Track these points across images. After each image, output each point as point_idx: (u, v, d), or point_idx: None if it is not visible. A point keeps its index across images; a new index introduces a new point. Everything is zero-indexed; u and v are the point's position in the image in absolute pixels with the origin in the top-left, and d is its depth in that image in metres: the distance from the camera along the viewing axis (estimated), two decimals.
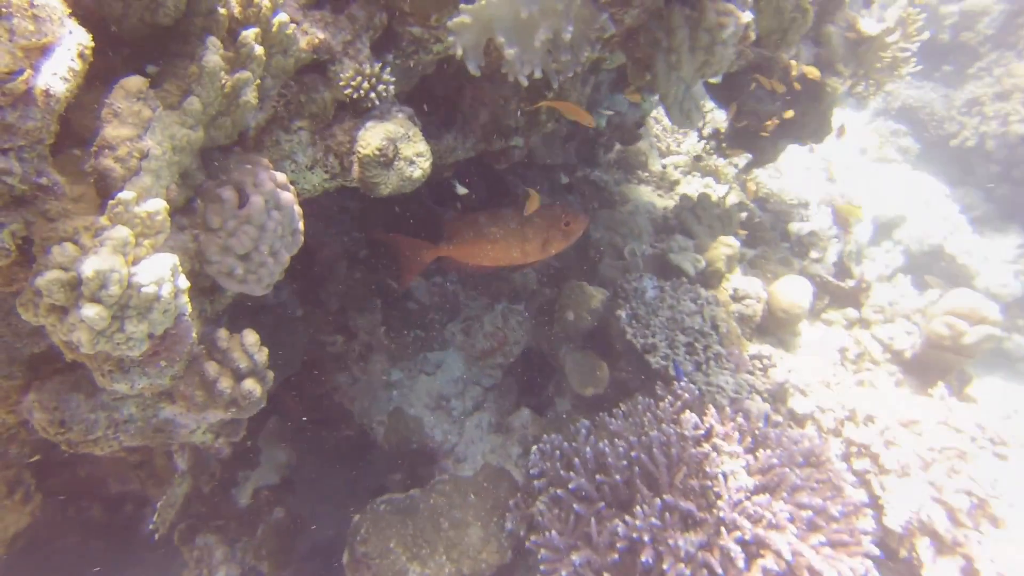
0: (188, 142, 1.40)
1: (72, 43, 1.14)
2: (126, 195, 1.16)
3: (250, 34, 1.44)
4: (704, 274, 3.46)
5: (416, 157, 1.75)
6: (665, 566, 2.16)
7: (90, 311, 1.09)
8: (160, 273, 1.18)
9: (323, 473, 3.12)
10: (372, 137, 1.71)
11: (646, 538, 2.21)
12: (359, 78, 1.71)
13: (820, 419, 2.89)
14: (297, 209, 1.68)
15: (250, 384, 1.60)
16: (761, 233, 4.00)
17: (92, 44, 1.18)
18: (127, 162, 1.26)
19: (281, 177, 1.63)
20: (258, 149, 1.80)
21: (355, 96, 1.74)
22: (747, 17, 1.91)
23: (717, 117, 4.66)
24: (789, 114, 3.48)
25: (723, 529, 2.24)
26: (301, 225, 1.72)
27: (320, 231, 2.98)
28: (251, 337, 1.63)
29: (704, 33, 1.86)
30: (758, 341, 3.38)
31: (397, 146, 1.73)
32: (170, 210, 1.46)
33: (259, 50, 1.46)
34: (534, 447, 2.61)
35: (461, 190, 2.75)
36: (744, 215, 4.02)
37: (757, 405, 2.89)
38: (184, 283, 1.28)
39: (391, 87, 1.79)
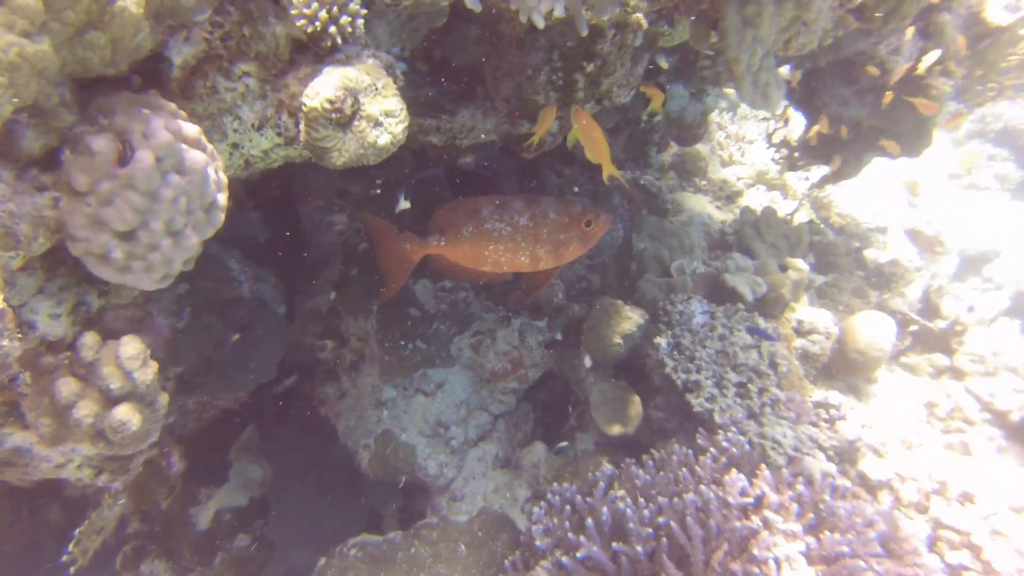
0: (26, 57, 0.92)
1: None
2: None
3: None
4: (764, 301, 2.86)
5: (384, 117, 1.25)
6: None
7: None
8: None
9: (301, 497, 2.65)
10: (324, 85, 1.21)
11: None
12: (315, 3, 1.22)
13: (900, 489, 2.28)
14: (216, 176, 1.19)
15: (124, 413, 1.12)
16: (833, 258, 3.37)
17: None
18: None
19: (190, 129, 1.14)
20: (187, 96, 1.33)
21: (309, 29, 1.25)
22: None
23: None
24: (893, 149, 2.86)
25: None
26: (223, 198, 1.23)
27: (315, 217, 2.52)
28: (131, 347, 1.15)
29: None
30: (824, 386, 2.77)
31: (358, 100, 1.23)
32: (19, 160, 0.99)
33: None
34: (535, 507, 2.08)
35: (403, 204, 2.21)
36: (815, 237, 3.40)
37: (822, 466, 2.30)
38: None
39: (360, 21, 1.29)
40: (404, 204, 2.14)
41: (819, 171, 3.84)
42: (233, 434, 2.51)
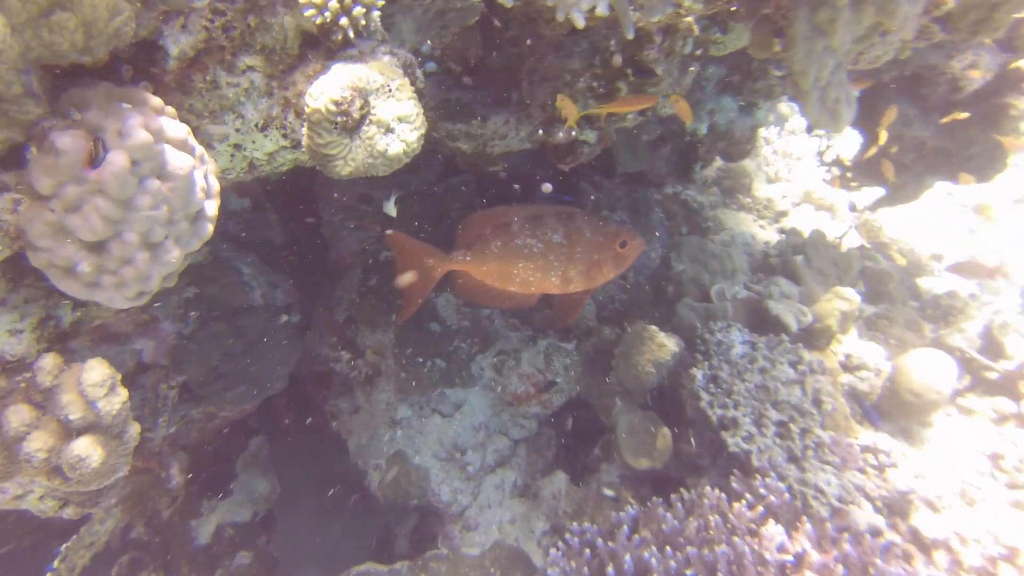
0: None
1: None
2: None
3: None
4: (810, 331, 2.64)
5: (397, 123, 1.09)
6: None
7: None
8: None
9: (310, 514, 2.51)
10: (329, 84, 1.06)
11: None
12: None
13: (959, 551, 2.04)
14: (204, 182, 1.05)
15: (84, 447, 0.98)
16: (885, 287, 3.13)
17: None
18: None
19: (175, 129, 1.00)
20: (184, 91, 1.19)
21: (318, 20, 1.10)
22: None
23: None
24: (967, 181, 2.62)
25: None
26: (213, 207, 1.08)
27: (335, 222, 2.38)
28: (96, 372, 1.01)
29: None
30: (872, 426, 2.53)
31: (369, 102, 1.07)
32: None
33: None
34: (552, 547, 1.90)
35: (390, 208, 2.04)
36: (868, 262, 3.16)
37: (869, 518, 2.08)
38: None
39: (375, 13, 1.13)
40: (391, 209, 1.97)
41: (872, 192, 3.60)
42: (240, 445, 2.39)
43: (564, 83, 1.81)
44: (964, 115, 2.43)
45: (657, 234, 2.69)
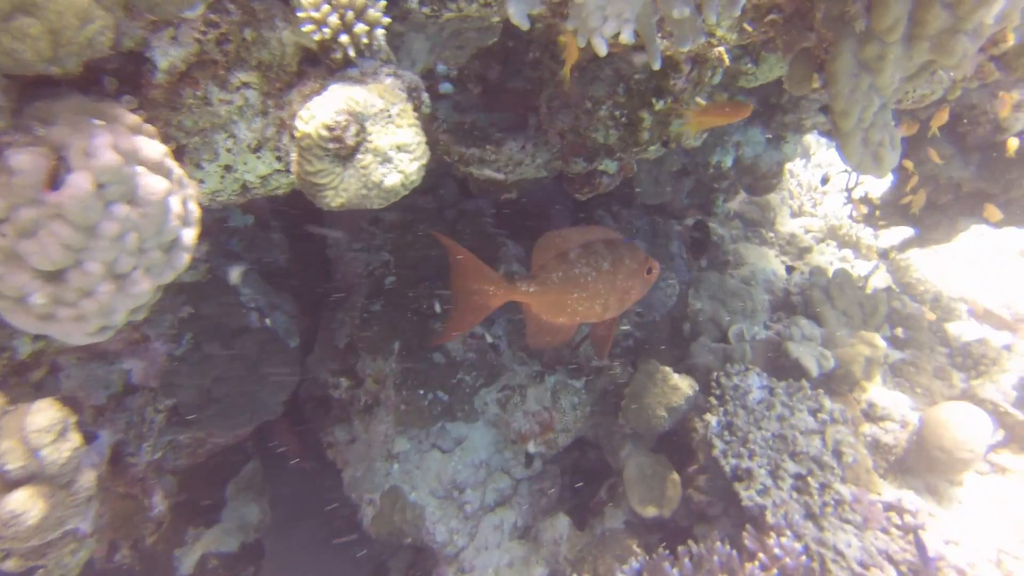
0: None
1: None
2: None
3: None
4: (831, 377, 2.51)
5: (395, 152, 0.98)
6: None
7: None
8: None
9: (303, 544, 2.40)
10: (322, 107, 0.96)
11: None
12: (326, 6, 0.97)
13: None
14: (181, 208, 0.95)
15: (20, 502, 0.88)
16: (913, 332, 2.98)
17: None
18: None
19: (150, 149, 0.90)
20: (173, 107, 1.09)
21: (317, 37, 1.00)
22: None
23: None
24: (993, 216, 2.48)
25: None
26: (191, 236, 0.98)
27: (342, 243, 2.28)
28: (43, 416, 0.91)
29: (942, 8, 1.00)
30: (896, 482, 2.38)
31: (365, 127, 0.97)
32: None
33: None
34: None
35: (235, 277, 1.92)
36: (895, 304, 3.01)
37: None
38: None
39: (379, 31, 1.04)
40: (236, 277, 1.87)
41: (900, 232, 3.46)
42: (233, 469, 2.28)
43: (584, 111, 1.71)
44: (1016, 143, 2.30)
45: (674, 267, 2.57)
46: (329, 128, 0.95)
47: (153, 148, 0.90)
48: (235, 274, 1.88)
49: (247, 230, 2.16)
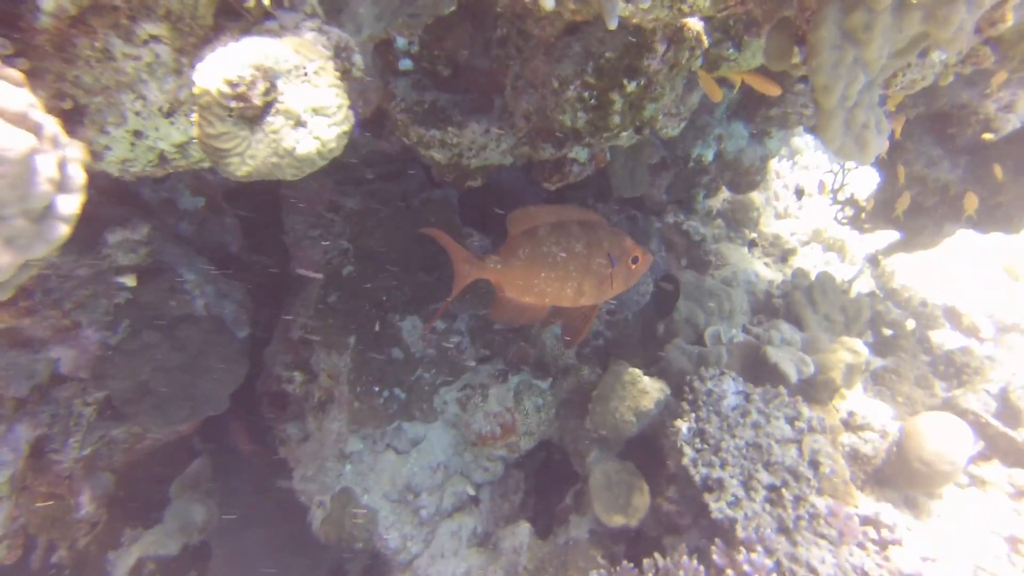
0: None
1: None
2: None
3: None
4: (811, 384, 2.39)
5: (311, 115, 0.85)
6: None
7: None
8: None
9: (256, 546, 2.26)
10: (225, 60, 0.83)
11: None
12: None
13: None
14: (54, 172, 0.81)
15: None
16: (897, 339, 2.87)
17: None
18: None
19: (12, 100, 0.77)
20: (66, 59, 0.96)
21: None
22: None
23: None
24: (971, 204, 2.37)
25: None
26: (71, 204, 0.85)
27: (299, 229, 2.14)
28: None
29: None
30: (873, 494, 2.27)
31: (276, 86, 0.83)
32: None
33: None
34: None
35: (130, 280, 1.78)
36: (879, 308, 2.91)
37: None
38: None
39: None
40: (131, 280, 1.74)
41: (886, 236, 3.36)
42: (177, 467, 2.14)
43: (551, 91, 1.58)
44: (990, 136, 2.19)
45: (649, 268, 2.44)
46: (231, 84, 0.81)
47: (13, 97, 0.76)
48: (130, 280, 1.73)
49: (197, 213, 2.02)
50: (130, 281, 1.77)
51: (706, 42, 1.60)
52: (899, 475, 2.22)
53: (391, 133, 1.94)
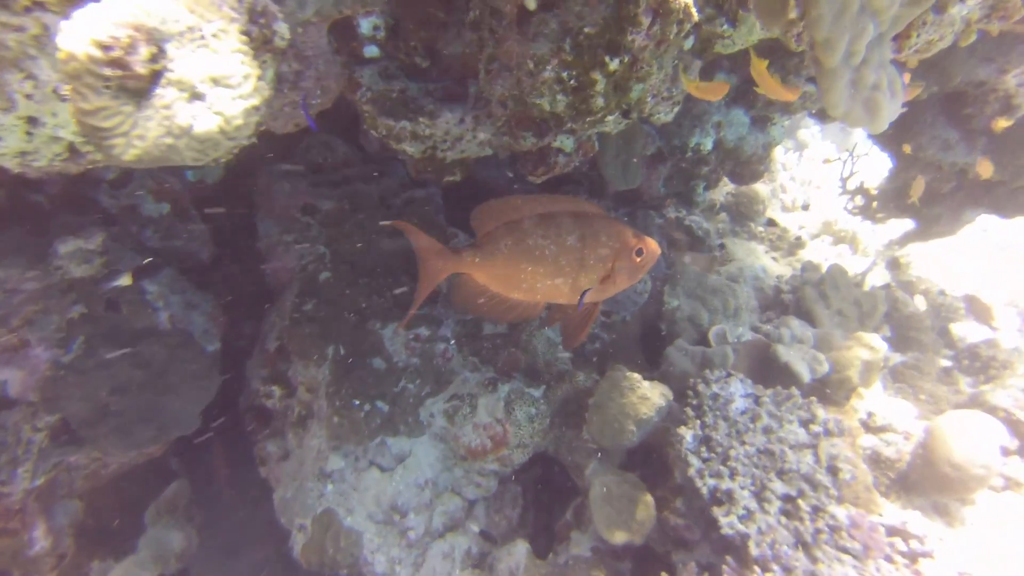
0: None
1: None
2: None
3: None
4: (825, 383, 2.21)
5: (210, 87, 0.70)
6: None
7: None
8: None
9: (234, 572, 2.10)
10: (95, 18, 0.67)
11: None
12: None
13: None
14: None
15: None
16: (915, 333, 2.67)
17: None
18: None
19: None
20: None
21: None
22: None
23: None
24: (985, 170, 2.18)
25: None
26: None
27: (272, 235, 2.00)
28: None
29: None
30: (899, 501, 2.08)
31: (164, 51, 0.68)
32: None
33: None
34: None
35: (124, 280, 1.68)
36: (896, 300, 2.71)
37: None
38: None
39: None
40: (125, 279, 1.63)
41: (900, 225, 3.17)
42: (152, 492, 1.99)
43: (526, 72, 1.42)
44: (1004, 123, 2.00)
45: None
46: (104, 47, 0.66)
47: None
48: (124, 279, 1.60)
49: (162, 220, 1.88)
50: (125, 280, 1.66)
51: (695, 15, 1.44)
52: (926, 480, 2.02)
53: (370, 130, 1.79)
